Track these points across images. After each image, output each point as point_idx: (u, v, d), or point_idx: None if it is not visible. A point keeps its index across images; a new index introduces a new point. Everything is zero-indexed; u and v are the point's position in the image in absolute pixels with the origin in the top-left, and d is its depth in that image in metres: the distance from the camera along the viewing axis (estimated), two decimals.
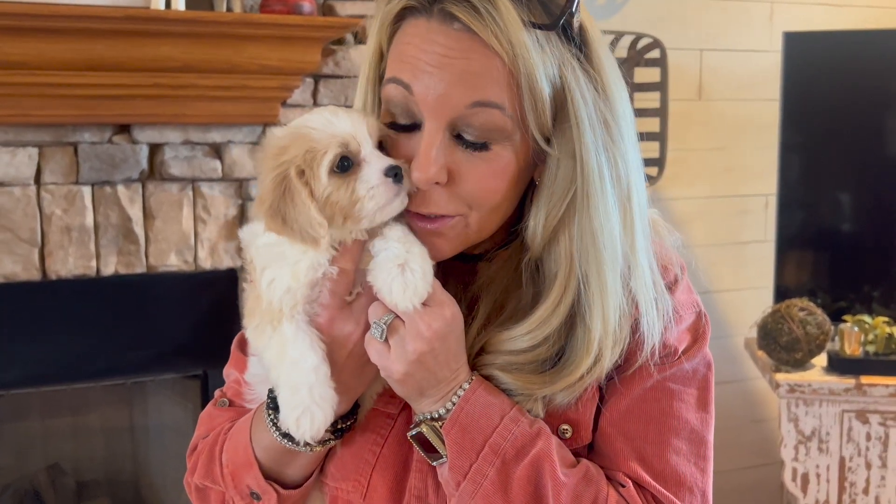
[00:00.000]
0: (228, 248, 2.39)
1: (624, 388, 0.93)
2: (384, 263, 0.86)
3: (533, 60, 0.83)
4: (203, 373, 2.49)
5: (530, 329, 0.90)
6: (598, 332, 0.89)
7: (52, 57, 2.06)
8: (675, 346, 0.95)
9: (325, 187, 0.86)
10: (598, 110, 0.88)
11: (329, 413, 0.87)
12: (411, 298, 0.85)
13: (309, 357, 0.87)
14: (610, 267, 0.89)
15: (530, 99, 0.85)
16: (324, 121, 0.88)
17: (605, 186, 0.88)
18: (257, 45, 2.21)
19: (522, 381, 0.91)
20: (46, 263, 2.23)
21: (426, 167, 0.86)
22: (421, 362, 0.87)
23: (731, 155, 3.12)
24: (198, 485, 1.04)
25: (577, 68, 0.87)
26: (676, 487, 0.93)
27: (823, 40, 2.82)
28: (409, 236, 0.88)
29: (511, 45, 0.83)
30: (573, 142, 0.87)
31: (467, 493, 0.89)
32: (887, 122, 2.87)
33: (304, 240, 0.86)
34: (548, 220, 0.90)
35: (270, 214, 0.86)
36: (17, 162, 2.17)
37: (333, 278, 0.88)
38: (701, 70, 3.05)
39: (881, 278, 2.85)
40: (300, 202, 0.85)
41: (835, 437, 2.56)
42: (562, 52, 0.86)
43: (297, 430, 0.87)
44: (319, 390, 0.87)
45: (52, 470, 2.76)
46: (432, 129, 0.86)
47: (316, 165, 0.86)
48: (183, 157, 2.32)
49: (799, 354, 2.57)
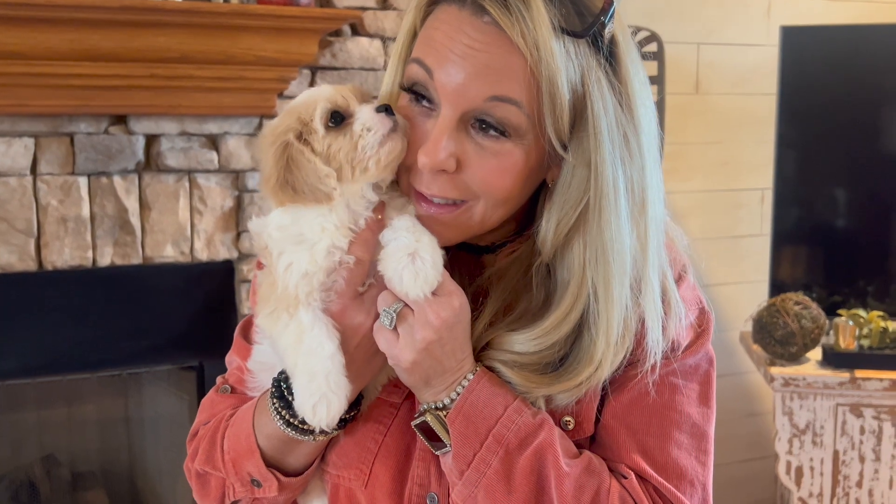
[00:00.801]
0: (225, 240, 2.39)
1: (627, 382, 0.94)
2: (394, 253, 0.87)
3: (556, 65, 0.84)
4: (199, 364, 2.49)
5: (538, 336, 0.90)
6: (601, 344, 0.89)
7: (49, 47, 2.05)
8: (678, 342, 0.95)
9: (323, 139, 0.87)
10: (618, 123, 0.88)
11: (344, 401, 0.88)
12: (422, 287, 0.86)
13: (326, 345, 0.87)
14: (618, 280, 0.89)
15: (549, 102, 0.85)
16: (307, 93, 0.92)
17: (619, 199, 0.88)
18: (254, 36, 2.20)
19: (523, 380, 0.91)
20: (42, 254, 2.23)
21: (434, 153, 0.87)
22: (428, 351, 0.87)
23: (727, 149, 3.12)
24: (198, 470, 1.04)
25: (603, 79, 0.87)
26: (678, 480, 0.94)
27: (821, 35, 2.82)
28: (418, 226, 0.89)
29: (536, 46, 0.83)
30: (590, 151, 0.87)
31: (471, 482, 0.89)
32: (884, 118, 2.87)
33: (318, 198, 0.87)
34: (559, 227, 0.91)
35: (279, 187, 0.87)
36: (13, 152, 2.16)
37: (350, 267, 0.88)
38: (698, 64, 3.05)
39: (876, 273, 2.86)
40: (304, 161, 0.87)
41: (829, 430, 2.57)
42: (588, 60, 0.86)
43: (313, 417, 0.87)
44: (336, 378, 0.87)
45: (47, 461, 2.76)
46: (447, 116, 0.87)
47: (310, 122, 0.88)
48: (179, 149, 2.31)
49: (794, 348, 2.58)
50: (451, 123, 0.87)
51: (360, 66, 2.45)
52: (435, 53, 0.87)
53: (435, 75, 0.87)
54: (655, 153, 0.92)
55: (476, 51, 0.85)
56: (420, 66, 0.89)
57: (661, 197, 0.94)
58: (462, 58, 0.85)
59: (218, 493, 1.03)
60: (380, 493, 0.96)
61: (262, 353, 1.02)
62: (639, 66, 0.91)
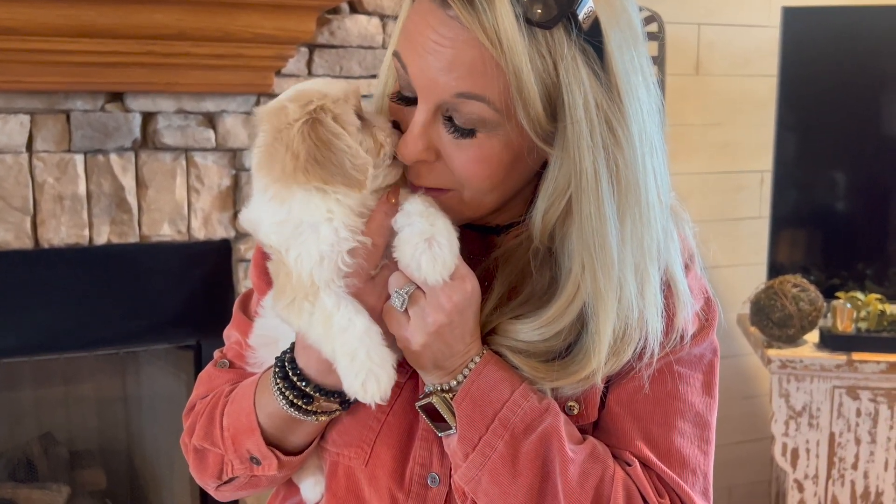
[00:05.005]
0: (222, 219, 2.38)
1: (632, 369, 0.94)
2: (410, 238, 0.86)
3: (520, 57, 0.81)
4: (196, 343, 2.48)
5: (542, 325, 0.90)
6: (598, 337, 0.88)
7: (44, 23, 2.03)
8: (683, 331, 0.95)
9: (358, 132, 0.87)
10: (600, 110, 0.84)
11: (392, 371, 0.87)
12: (440, 272, 0.85)
13: (358, 321, 0.86)
14: (603, 272, 0.86)
15: (517, 96, 0.82)
16: (321, 83, 0.89)
17: (601, 191, 0.85)
18: (251, 13, 2.18)
19: (530, 368, 0.91)
20: (39, 232, 2.22)
21: (409, 146, 0.88)
22: (439, 334, 0.87)
23: (727, 131, 3.11)
24: (196, 446, 1.04)
25: (582, 67, 0.83)
26: (681, 468, 0.94)
27: (822, 16, 2.80)
28: (431, 209, 0.88)
29: (499, 40, 0.80)
30: (569, 140, 0.85)
31: (475, 464, 0.89)
32: (885, 100, 2.86)
33: (349, 183, 0.85)
34: (547, 215, 0.89)
35: (309, 166, 0.84)
36: (8, 129, 2.15)
37: (363, 251, 0.87)
38: (698, 45, 3.03)
39: (874, 256, 2.86)
40: (342, 145, 0.85)
41: (825, 412, 2.58)
42: (562, 48, 0.82)
43: (364, 395, 0.86)
44: (378, 351, 0.87)
45: (45, 439, 2.76)
46: (421, 109, 0.87)
47: (346, 110, 0.87)
48: (176, 127, 2.30)
49: (791, 331, 2.58)
50: (426, 116, 0.87)
51: (359, 44, 2.43)
52: (409, 46, 0.87)
53: (409, 70, 0.87)
54: (654, 138, 0.89)
55: (442, 46, 0.83)
56: (398, 59, 0.88)
57: (664, 183, 0.91)
58: (430, 53, 0.84)
59: (216, 469, 1.03)
60: (380, 473, 0.96)
61: (263, 327, 1.02)
62: (631, 50, 0.86)
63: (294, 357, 0.94)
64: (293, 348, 0.95)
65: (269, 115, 0.88)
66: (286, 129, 0.85)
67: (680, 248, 0.96)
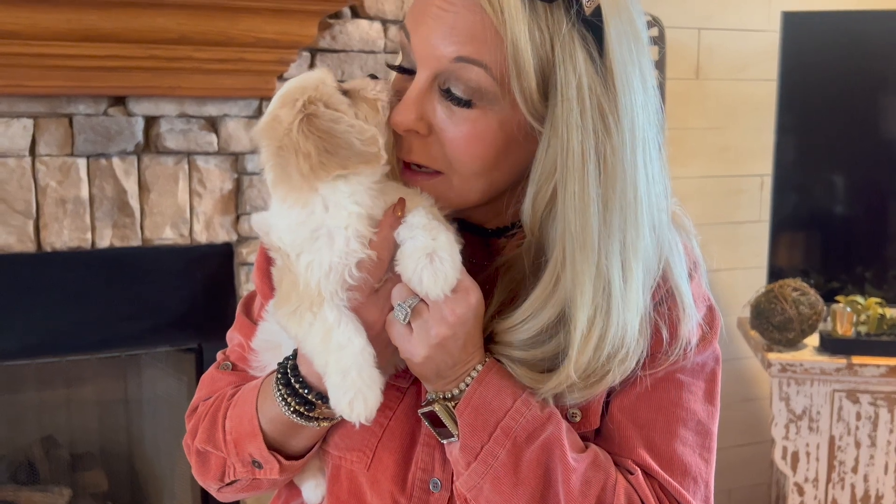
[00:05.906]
0: (224, 223, 2.39)
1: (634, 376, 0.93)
2: (412, 253, 0.86)
3: (520, 26, 0.82)
4: (198, 346, 2.49)
5: (524, 318, 0.89)
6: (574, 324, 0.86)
7: (47, 27, 2.04)
8: (686, 339, 0.95)
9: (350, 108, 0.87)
10: (593, 95, 0.84)
11: (379, 394, 0.87)
12: (442, 287, 0.85)
13: (355, 340, 0.86)
14: (582, 256, 0.85)
15: (514, 65, 0.83)
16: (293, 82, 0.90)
17: (587, 173, 0.84)
18: (253, 17, 2.19)
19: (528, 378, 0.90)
20: (41, 235, 2.22)
21: (403, 113, 0.88)
22: (442, 346, 0.87)
23: (727, 135, 3.11)
24: (198, 448, 1.04)
25: (578, 48, 0.83)
26: (682, 477, 0.94)
27: (822, 20, 2.81)
28: (434, 222, 0.87)
29: (501, 7, 0.82)
30: (559, 119, 0.85)
31: (477, 472, 0.89)
32: (884, 104, 2.87)
33: (367, 159, 0.85)
34: (537, 201, 0.89)
35: (324, 159, 0.84)
36: (11, 133, 2.15)
37: (368, 265, 0.87)
38: (699, 49, 3.04)
39: (874, 260, 2.86)
40: (344, 127, 0.85)
41: (825, 416, 2.58)
42: (561, 27, 0.83)
43: (350, 413, 0.86)
44: (368, 372, 0.86)
45: (47, 441, 2.76)
46: (420, 78, 0.88)
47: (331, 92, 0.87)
48: (178, 131, 2.31)
49: (791, 334, 2.59)
50: (424, 84, 0.87)
51: (360, 48, 2.44)
52: (414, 17, 0.88)
53: (411, 39, 0.88)
54: (647, 135, 0.88)
55: (445, 11, 0.85)
56: (403, 30, 0.90)
57: (657, 183, 0.90)
58: (433, 19, 0.86)
59: (218, 472, 1.04)
60: (382, 477, 0.96)
61: (267, 331, 1.02)
62: (631, 44, 0.86)
63: (297, 364, 0.94)
64: (295, 355, 0.95)
65: (265, 131, 0.88)
66: (286, 135, 0.85)
67: (685, 259, 0.96)
